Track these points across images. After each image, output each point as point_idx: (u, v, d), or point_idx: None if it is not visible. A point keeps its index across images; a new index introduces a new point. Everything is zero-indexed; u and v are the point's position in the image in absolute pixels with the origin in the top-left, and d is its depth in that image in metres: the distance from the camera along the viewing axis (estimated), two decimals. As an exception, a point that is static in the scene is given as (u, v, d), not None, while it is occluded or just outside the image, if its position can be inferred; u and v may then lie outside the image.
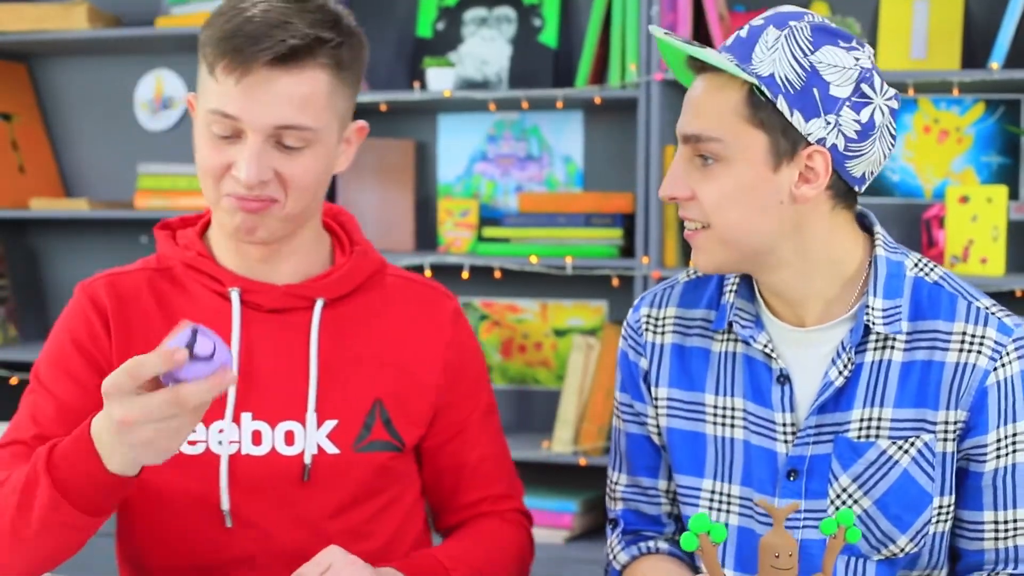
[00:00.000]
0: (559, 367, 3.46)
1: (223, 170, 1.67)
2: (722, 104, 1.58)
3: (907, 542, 1.63)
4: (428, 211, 3.56)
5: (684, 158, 1.62)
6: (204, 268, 1.76)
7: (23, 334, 3.84)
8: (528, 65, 3.40)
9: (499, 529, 1.86)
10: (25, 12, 3.61)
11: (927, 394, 1.62)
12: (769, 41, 1.57)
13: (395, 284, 1.85)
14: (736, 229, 1.60)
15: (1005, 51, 2.89)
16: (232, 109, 1.64)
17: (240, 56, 1.63)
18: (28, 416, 1.71)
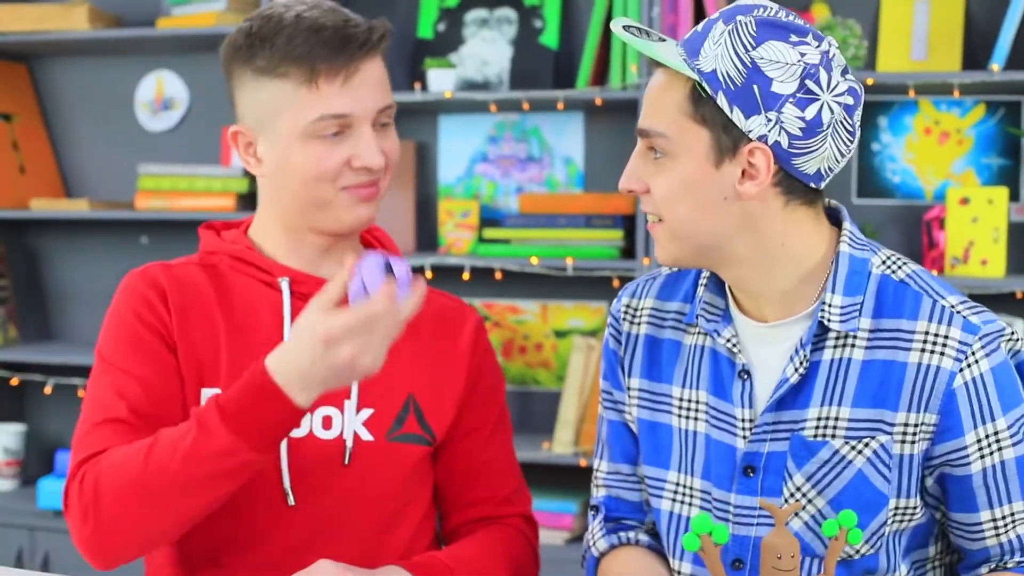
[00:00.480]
0: (560, 368, 3.46)
1: (340, 168, 1.76)
2: (669, 100, 1.59)
3: (863, 543, 1.62)
4: (429, 212, 3.56)
5: (639, 152, 1.63)
6: (253, 260, 1.83)
7: (23, 335, 3.84)
8: (529, 66, 3.40)
9: (500, 536, 1.88)
10: (26, 12, 3.61)
11: (887, 395, 1.59)
12: (715, 36, 1.57)
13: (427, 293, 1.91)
14: (685, 224, 1.61)
15: (1006, 53, 2.89)
16: (345, 107, 1.74)
17: (340, 60, 1.73)
18: (113, 394, 1.75)
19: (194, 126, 3.75)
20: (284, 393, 1.58)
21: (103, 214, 3.57)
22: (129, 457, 1.64)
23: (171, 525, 1.66)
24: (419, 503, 1.86)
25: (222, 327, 1.79)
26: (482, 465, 1.90)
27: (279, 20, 1.76)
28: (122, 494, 1.63)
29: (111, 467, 1.65)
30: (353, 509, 1.79)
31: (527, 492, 1.96)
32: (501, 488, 1.91)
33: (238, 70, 1.79)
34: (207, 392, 1.76)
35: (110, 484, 1.64)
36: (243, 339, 1.79)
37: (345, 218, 1.79)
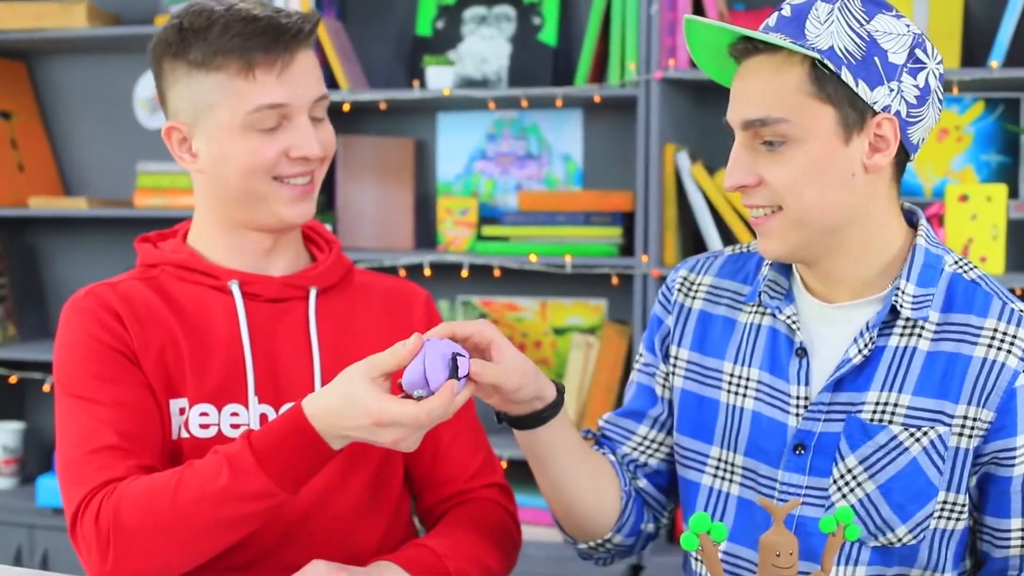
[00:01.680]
0: (558, 366, 3.46)
1: (276, 160, 1.77)
2: (784, 84, 1.58)
3: (906, 532, 1.62)
4: (427, 210, 3.56)
5: (745, 146, 1.62)
6: (198, 267, 1.83)
7: (22, 333, 3.84)
8: (528, 63, 3.40)
9: (479, 512, 1.89)
10: (24, 10, 3.60)
11: (949, 386, 1.61)
12: (821, 16, 1.58)
13: (366, 280, 1.96)
14: (811, 208, 1.60)
15: (1005, 50, 2.89)
16: (281, 98, 1.75)
17: (277, 47, 1.75)
18: (94, 424, 1.71)
19: (193, 124, 3.75)
20: (324, 441, 1.59)
21: (102, 212, 3.57)
22: (155, 494, 1.62)
23: (194, 560, 1.66)
24: (392, 487, 1.88)
25: (180, 336, 1.78)
26: (448, 442, 1.91)
27: (211, 13, 1.76)
28: (148, 532, 1.62)
29: (134, 503, 1.63)
30: (327, 499, 1.79)
31: (496, 461, 1.97)
32: (469, 463, 1.92)
33: (169, 65, 1.78)
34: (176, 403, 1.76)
35: (134, 521, 1.62)
36: (202, 346, 1.78)
37: (283, 213, 1.80)
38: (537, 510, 3.22)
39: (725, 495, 1.71)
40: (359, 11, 3.58)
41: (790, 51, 1.58)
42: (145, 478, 1.65)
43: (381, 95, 3.29)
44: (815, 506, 1.64)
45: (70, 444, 1.72)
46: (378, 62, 3.56)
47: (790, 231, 1.62)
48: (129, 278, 1.84)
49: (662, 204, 3.10)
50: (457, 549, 1.80)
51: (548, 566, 3.13)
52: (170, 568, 1.65)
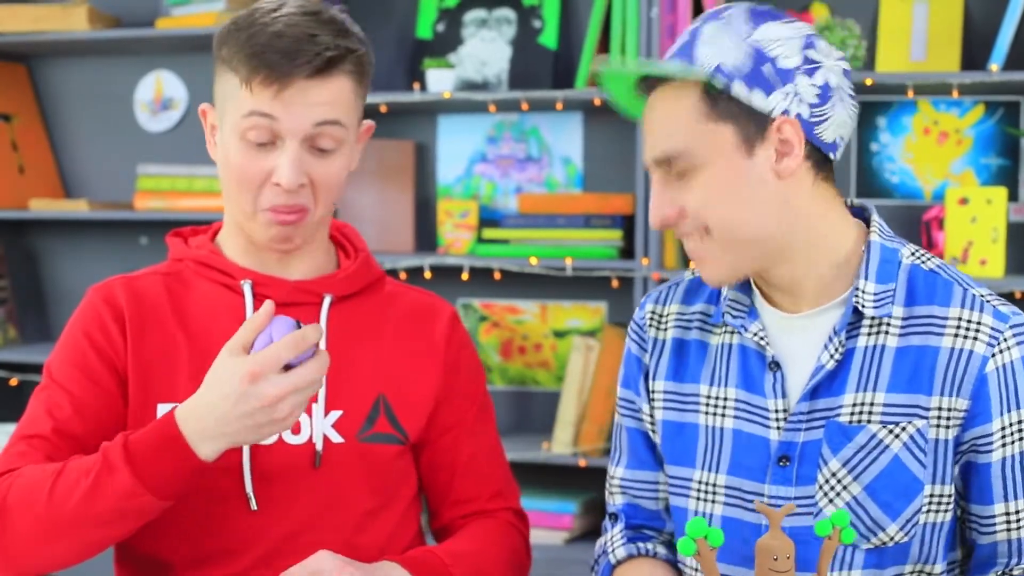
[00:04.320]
0: (559, 368, 3.46)
1: (261, 179, 1.73)
2: (680, 113, 1.59)
3: (897, 530, 1.62)
4: (428, 212, 3.56)
5: (660, 182, 1.63)
6: (215, 264, 1.82)
7: (23, 335, 3.84)
8: (528, 66, 3.40)
9: (493, 530, 1.88)
10: (25, 13, 3.61)
11: (921, 379, 1.61)
12: (707, 36, 1.59)
13: (395, 291, 1.92)
14: (732, 225, 1.60)
15: (1005, 53, 2.90)
16: (269, 109, 1.71)
17: (277, 71, 1.70)
18: (43, 411, 1.76)
19: (193, 126, 3.75)
20: (188, 445, 1.58)
21: (102, 214, 3.57)
22: (37, 483, 1.63)
23: (74, 553, 1.64)
24: (397, 503, 1.85)
25: (181, 340, 1.78)
26: (467, 460, 1.89)
27: (256, 17, 1.74)
28: (26, 520, 1.63)
29: (19, 489, 1.64)
30: (325, 512, 1.77)
31: (515, 486, 1.95)
32: (489, 483, 1.90)
33: (215, 53, 1.78)
34: (163, 407, 1.75)
35: (16, 508, 1.64)
36: (203, 348, 1.78)
37: (261, 234, 1.77)
38: (537, 512, 3.23)
39: (709, 516, 1.70)
40: (360, 14, 3.58)
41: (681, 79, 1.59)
42: (38, 466, 1.66)
43: (381, 97, 3.30)
44: (804, 515, 1.64)
45: (19, 425, 1.77)
46: (378, 64, 3.56)
47: (721, 253, 1.62)
48: (152, 272, 1.85)
49: (662, 207, 3.10)
50: (464, 560, 1.79)
51: (548, 567, 3.14)
52: (54, 556, 1.64)
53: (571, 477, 3.38)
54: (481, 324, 3.52)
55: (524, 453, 3.20)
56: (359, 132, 1.84)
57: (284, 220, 1.74)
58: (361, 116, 1.84)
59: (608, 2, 3.19)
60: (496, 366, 3.51)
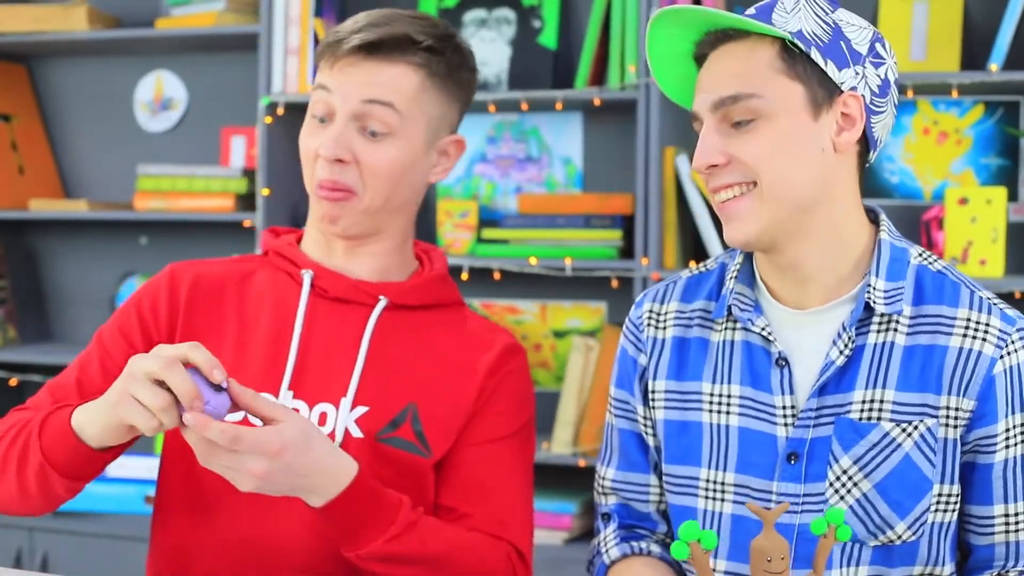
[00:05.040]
0: (558, 368, 3.47)
1: (314, 155, 1.81)
2: (755, 62, 1.61)
3: (905, 529, 1.63)
4: (427, 212, 3.56)
5: (713, 128, 1.63)
6: (287, 254, 1.88)
7: (22, 335, 3.84)
8: (527, 66, 3.40)
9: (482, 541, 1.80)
10: (25, 13, 3.61)
11: (929, 378, 1.62)
12: (788, 5, 1.62)
13: (467, 317, 1.92)
14: (785, 181, 1.61)
15: (1004, 53, 2.90)
16: (324, 81, 1.81)
17: (336, 46, 1.80)
18: (76, 362, 1.86)
19: (193, 126, 3.75)
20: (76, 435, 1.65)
21: (102, 215, 3.57)
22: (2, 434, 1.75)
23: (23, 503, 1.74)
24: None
25: (232, 322, 1.83)
26: (479, 481, 1.82)
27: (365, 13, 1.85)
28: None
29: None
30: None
31: (528, 528, 1.86)
32: (495, 509, 1.82)
33: None
34: None
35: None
36: (251, 338, 1.81)
37: (316, 212, 1.84)
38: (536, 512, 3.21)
39: (718, 515, 1.70)
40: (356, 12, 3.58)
41: (759, 35, 1.61)
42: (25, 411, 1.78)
43: (381, 98, 3.29)
44: (814, 512, 1.64)
45: (64, 371, 1.86)
46: (378, 65, 3.56)
47: (761, 209, 1.62)
48: (232, 261, 1.92)
49: (662, 207, 3.11)
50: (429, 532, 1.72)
51: (547, 568, 3.13)
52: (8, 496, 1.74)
53: (571, 477, 3.38)
54: (481, 324, 3.52)
55: (524, 453, 3.20)
56: (440, 143, 1.89)
57: (328, 196, 1.80)
58: (439, 123, 1.88)
59: (608, 2, 3.19)
60: (496, 366, 3.51)
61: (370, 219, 1.83)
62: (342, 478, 1.65)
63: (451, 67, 1.85)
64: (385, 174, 1.80)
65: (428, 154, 1.86)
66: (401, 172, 1.82)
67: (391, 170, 1.81)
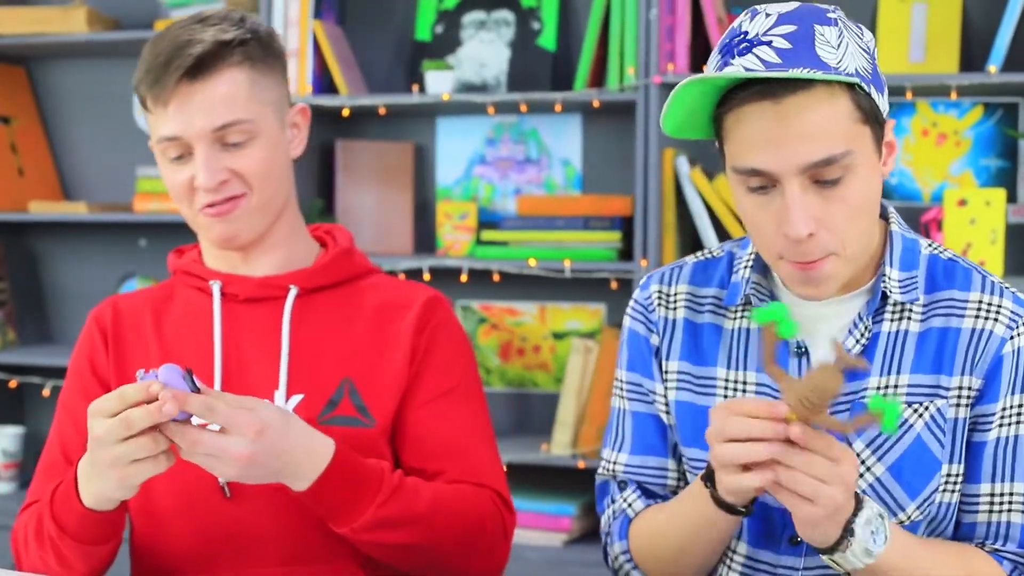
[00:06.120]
0: (558, 370, 3.46)
1: (188, 188, 1.82)
2: (839, 116, 1.52)
3: (914, 509, 1.63)
4: (427, 214, 3.56)
5: (802, 192, 1.53)
6: (193, 270, 1.90)
7: (22, 337, 3.84)
8: (527, 68, 3.40)
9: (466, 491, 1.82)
10: (24, 15, 3.61)
11: (943, 360, 1.63)
12: (831, 40, 1.53)
13: (378, 283, 1.94)
14: (865, 238, 1.60)
15: (1003, 54, 2.90)
16: (172, 131, 1.79)
17: (158, 84, 1.78)
18: (55, 438, 1.88)
19: (192, 128, 3.75)
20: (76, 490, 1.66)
21: (101, 216, 3.57)
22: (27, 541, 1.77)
23: None
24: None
25: (155, 350, 1.86)
26: (439, 439, 1.84)
27: (156, 38, 1.82)
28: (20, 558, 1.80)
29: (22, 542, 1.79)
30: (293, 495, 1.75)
31: (500, 471, 1.89)
32: (464, 461, 1.84)
33: None
34: None
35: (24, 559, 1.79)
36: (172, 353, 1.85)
37: (210, 236, 1.85)
38: (536, 514, 3.23)
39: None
40: (358, 16, 3.59)
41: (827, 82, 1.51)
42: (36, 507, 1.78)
43: (380, 100, 3.30)
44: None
45: (43, 453, 1.89)
46: (377, 67, 3.56)
47: (844, 269, 1.59)
48: (149, 289, 1.95)
49: (661, 208, 3.11)
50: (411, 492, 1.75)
51: (547, 569, 3.14)
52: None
53: (570, 479, 3.37)
54: (480, 326, 3.52)
55: (523, 455, 3.20)
56: (289, 118, 1.89)
57: (219, 211, 1.81)
58: (280, 102, 1.86)
59: (607, 4, 3.19)
60: (495, 368, 3.51)
61: (264, 215, 1.84)
62: (322, 456, 1.67)
63: (263, 44, 1.84)
64: (263, 173, 1.82)
65: (283, 134, 1.87)
66: (273, 164, 1.83)
67: (267, 167, 1.82)
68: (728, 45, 1.57)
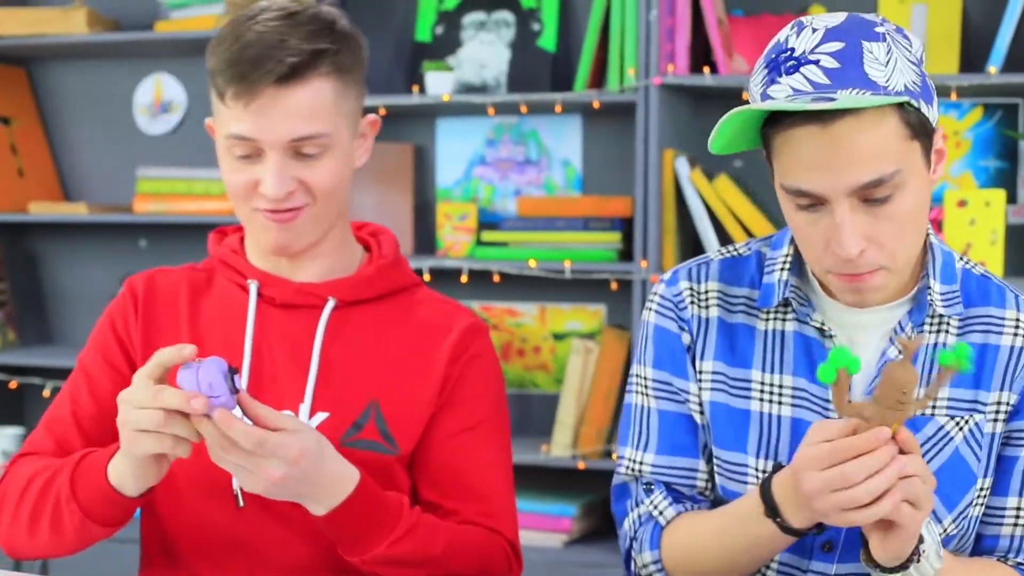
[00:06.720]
0: (558, 371, 3.46)
1: (250, 188, 1.76)
2: (888, 137, 1.51)
3: (950, 523, 1.63)
4: (427, 215, 3.57)
5: (853, 211, 1.53)
6: (232, 263, 1.85)
7: (22, 338, 3.84)
8: (527, 69, 3.40)
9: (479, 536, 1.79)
10: (24, 16, 3.61)
11: (981, 376, 1.64)
12: (880, 56, 1.52)
13: (421, 300, 1.89)
14: (914, 250, 1.59)
15: (1003, 55, 2.90)
16: (247, 131, 1.72)
17: (245, 82, 1.71)
18: (66, 394, 1.84)
19: (193, 129, 3.75)
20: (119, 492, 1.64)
21: (102, 217, 3.58)
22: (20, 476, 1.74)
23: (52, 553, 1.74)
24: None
25: (184, 335, 1.82)
26: (462, 474, 1.81)
27: (238, 25, 1.74)
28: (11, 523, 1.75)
29: (12, 487, 1.75)
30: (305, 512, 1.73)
31: (514, 518, 1.85)
32: (483, 501, 1.81)
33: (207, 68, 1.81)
34: None
35: (5, 505, 1.75)
36: (201, 345, 1.78)
37: (262, 239, 1.79)
38: (536, 515, 3.23)
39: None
40: (358, 16, 3.59)
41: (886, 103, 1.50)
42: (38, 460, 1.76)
43: (380, 100, 3.30)
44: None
45: (50, 407, 1.86)
46: (377, 68, 3.56)
47: (892, 280, 1.60)
48: (188, 268, 1.90)
49: (661, 209, 3.11)
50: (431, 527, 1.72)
51: (547, 570, 3.13)
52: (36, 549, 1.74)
53: (570, 479, 3.38)
54: (480, 327, 3.52)
55: (523, 456, 3.20)
56: (359, 128, 1.84)
57: (279, 219, 1.76)
58: (355, 113, 1.82)
59: (607, 5, 3.19)
60: (495, 369, 3.51)
61: (320, 226, 1.80)
62: (346, 486, 1.64)
63: (354, 57, 1.80)
64: (331, 186, 1.77)
65: (352, 144, 1.83)
66: (342, 177, 1.79)
67: (336, 181, 1.77)
68: (775, 61, 1.55)
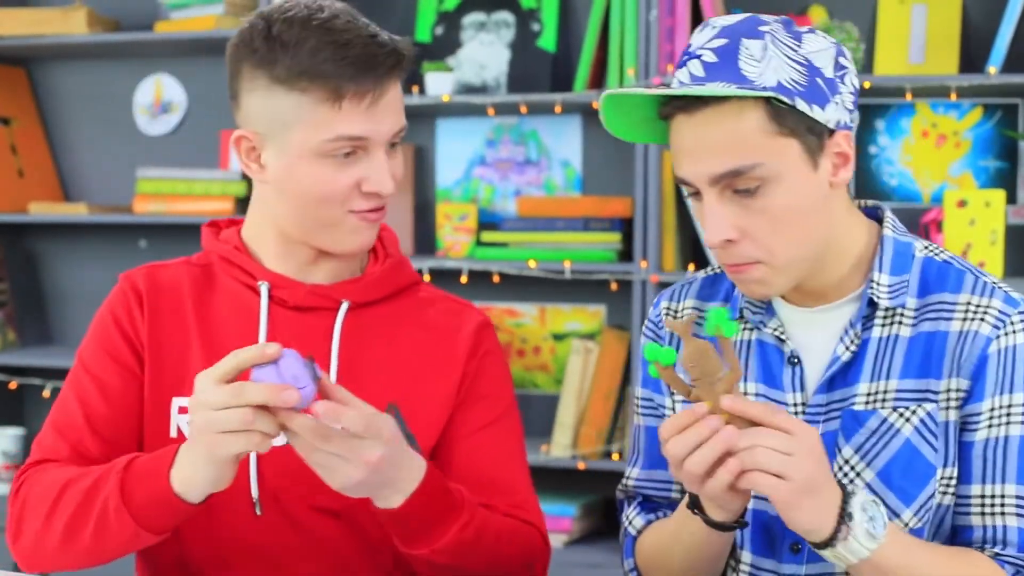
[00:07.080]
0: (558, 371, 3.47)
1: (349, 191, 1.71)
2: (747, 131, 1.55)
3: (911, 516, 1.63)
4: (427, 215, 3.57)
5: (718, 199, 1.57)
6: (238, 261, 1.81)
7: (22, 339, 3.84)
8: (527, 69, 3.40)
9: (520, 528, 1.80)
10: (24, 16, 3.61)
11: (931, 364, 1.63)
12: (755, 53, 1.56)
13: (428, 297, 1.88)
14: (795, 254, 1.60)
15: (1003, 55, 2.90)
16: (363, 131, 1.69)
17: (369, 80, 1.67)
18: (74, 397, 1.78)
19: (192, 130, 3.76)
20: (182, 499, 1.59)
21: (102, 218, 3.58)
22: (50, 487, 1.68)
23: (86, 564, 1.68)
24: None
25: (195, 335, 1.78)
26: (487, 469, 1.81)
27: (304, 24, 1.66)
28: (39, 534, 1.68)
29: (37, 497, 1.69)
30: (329, 519, 1.74)
31: (537, 505, 1.85)
32: (512, 495, 1.81)
33: (249, 72, 1.70)
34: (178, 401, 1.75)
35: (31, 516, 1.69)
36: (215, 345, 1.77)
37: (349, 241, 1.75)
38: (536, 515, 3.23)
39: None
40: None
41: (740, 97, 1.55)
42: (59, 474, 1.69)
43: (380, 101, 3.30)
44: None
45: (52, 412, 1.80)
46: (377, 68, 3.56)
47: (779, 275, 1.61)
48: (184, 263, 1.85)
49: (661, 210, 3.11)
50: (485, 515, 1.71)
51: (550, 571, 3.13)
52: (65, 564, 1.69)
53: (570, 480, 3.38)
54: (480, 327, 3.52)
55: (523, 456, 3.20)
56: None
57: (376, 217, 1.74)
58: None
59: (607, 5, 3.19)
60: (495, 369, 3.51)
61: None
62: (418, 471, 1.62)
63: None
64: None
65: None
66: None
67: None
68: (682, 56, 1.63)
